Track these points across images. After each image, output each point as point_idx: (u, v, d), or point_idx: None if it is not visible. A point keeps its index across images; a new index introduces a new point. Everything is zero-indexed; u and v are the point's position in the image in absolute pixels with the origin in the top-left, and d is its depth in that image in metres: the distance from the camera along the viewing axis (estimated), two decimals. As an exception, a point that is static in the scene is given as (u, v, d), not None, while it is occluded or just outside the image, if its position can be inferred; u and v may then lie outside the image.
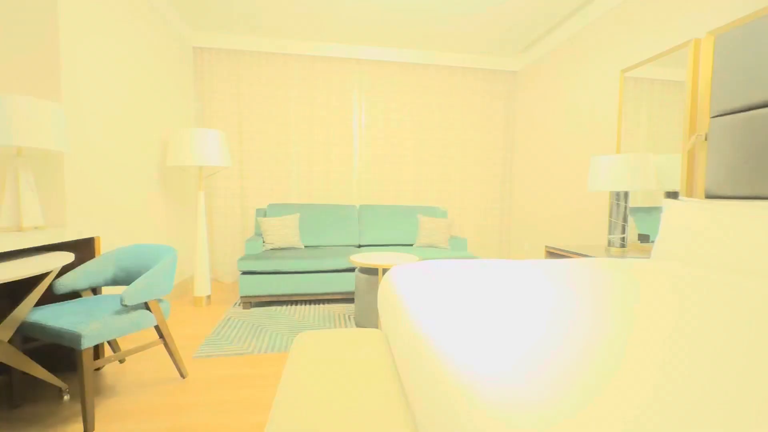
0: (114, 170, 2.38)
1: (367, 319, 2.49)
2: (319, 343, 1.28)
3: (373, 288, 2.44)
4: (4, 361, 1.37)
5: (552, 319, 0.87)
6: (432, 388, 0.70)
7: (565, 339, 0.76)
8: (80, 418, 1.51)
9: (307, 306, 3.04)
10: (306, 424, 0.83)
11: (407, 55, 3.96)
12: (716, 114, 1.90)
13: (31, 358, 1.87)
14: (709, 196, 1.93)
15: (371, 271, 2.56)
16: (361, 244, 3.73)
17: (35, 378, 1.80)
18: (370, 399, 0.93)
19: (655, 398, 0.55)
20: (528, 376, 0.61)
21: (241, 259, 2.91)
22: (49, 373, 1.49)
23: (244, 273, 2.93)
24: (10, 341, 1.54)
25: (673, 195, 2.19)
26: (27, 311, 1.44)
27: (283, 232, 3.31)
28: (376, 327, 2.45)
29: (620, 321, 0.87)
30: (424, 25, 3.38)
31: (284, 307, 3.01)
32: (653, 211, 2.35)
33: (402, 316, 1.07)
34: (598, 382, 0.59)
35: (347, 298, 3.29)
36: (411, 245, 3.69)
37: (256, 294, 2.94)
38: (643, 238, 2.40)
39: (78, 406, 1.60)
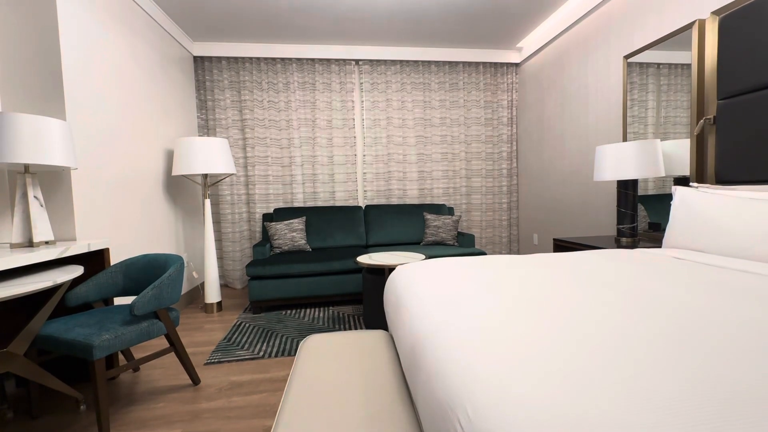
0: (121, 182, 2.42)
1: (376, 319, 2.49)
2: (325, 346, 1.28)
3: (381, 288, 2.44)
4: (21, 374, 1.41)
5: (557, 313, 0.85)
6: (432, 388, 0.69)
7: (569, 335, 0.74)
8: (97, 427, 1.54)
9: (317, 308, 3.05)
10: (310, 427, 0.83)
11: (406, 53, 3.94)
12: (723, 96, 1.84)
13: (48, 370, 1.92)
14: (719, 181, 1.88)
15: (378, 272, 2.56)
16: (369, 244, 3.73)
17: (52, 389, 1.84)
18: (374, 400, 0.93)
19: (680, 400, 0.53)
20: (528, 374, 0.59)
21: (250, 264, 2.93)
22: (65, 385, 1.52)
23: (253, 278, 2.95)
24: (26, 354, 1.58)
25: (683, 181, 2.14)
26: (40, 325, 1.47)
27: (290, 235, 3.33)
28: (386, 327, 2.44)
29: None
30: (422, 21, 3.36)
31: (294, 310, 3.02)
32: (664, 198, 2.30)
33: (404, 316, 1.06)
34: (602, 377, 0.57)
35: (356, 300, 3.29)
36: (419, 243, 3.67)
37: (266, 298, 2.95)
38: (655, 227, 2.35)
39: (95, 416, 1.63)
